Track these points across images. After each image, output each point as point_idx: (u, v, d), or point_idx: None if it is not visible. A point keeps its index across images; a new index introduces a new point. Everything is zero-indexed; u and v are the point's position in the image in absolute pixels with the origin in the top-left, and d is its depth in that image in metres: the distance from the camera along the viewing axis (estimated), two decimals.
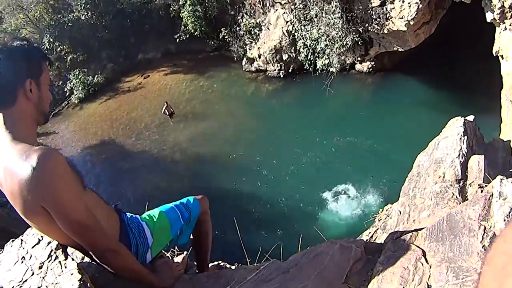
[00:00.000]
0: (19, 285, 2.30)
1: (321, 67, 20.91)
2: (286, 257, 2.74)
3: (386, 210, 5.64)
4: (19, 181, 1.95)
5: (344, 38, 19.59)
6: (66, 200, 1.99)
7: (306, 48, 21.56)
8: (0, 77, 2.07)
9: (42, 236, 2.59)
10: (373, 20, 18.33)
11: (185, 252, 3.74)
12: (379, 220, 5.44)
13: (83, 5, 31.46)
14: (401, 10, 17.19)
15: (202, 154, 20.32)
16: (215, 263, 3.93)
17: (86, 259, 2.41)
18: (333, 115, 19.55)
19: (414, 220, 3.39)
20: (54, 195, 1.97)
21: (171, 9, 28.38)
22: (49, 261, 2.37)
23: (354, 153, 16.78)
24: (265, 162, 18.02)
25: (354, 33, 19.30)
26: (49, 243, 2.50)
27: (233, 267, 3.76)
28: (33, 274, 2.33)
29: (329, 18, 19.58)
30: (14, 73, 2.11)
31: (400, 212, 3.94)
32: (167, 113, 24.02)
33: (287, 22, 22.43)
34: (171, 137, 22.83)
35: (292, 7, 21.68)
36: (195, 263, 3.38)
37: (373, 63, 20.59)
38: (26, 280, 2.31)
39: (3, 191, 2.17)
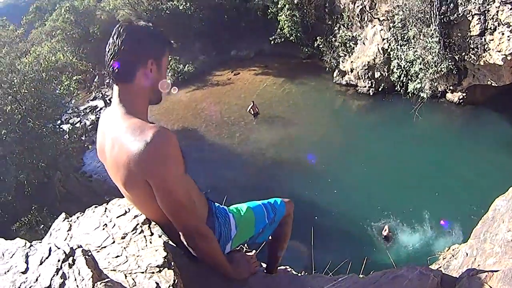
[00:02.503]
0: (96, 249, 2.41)
1: (412, 90, 21.17)
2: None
3: (452, 250, 5.76)
4: (128, 152, 2.07)
5: (439, 64, 19.76)
6: (173, 179, 2.12)
7: (400, 69, 21.84)
8: (124, 53, 2.19)
9: (129, 209, 2.73)
10: (471, 49, 18.55)
11: (253, 251, 3.76)
12: (443, 259, 5.55)
13: None
14: (499, 43, 17.36)
15: (282, 157, 21.42)
16: (283, 267, 3.86)
17: (164, 238, 2.50)
18: (416, 142, 19.71)
19: (479, 265, 3.35)
20: (163, 173, 2.08)
21: (269, 10, 29.49)
22: (133, 233, 2.48)
23: (430, 184, 17.01)
24: (341, 175, 18.77)
25: (449, 60, 19.47)
26: (135, 216, 2.62)
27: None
28: (113, 242, 2.45)
29: (426, 41, 19.85)
30: (138, 51, 2.23)
31: (467, 254, 3.89)
32: (252, 112, 25.26)
33: (383, 39, 22.85)
34: (253, 136, 24.12)
35: (391, 25, 22.04)
36: (263, 263, 3.43)
37: (464, 94, 20.56)
38: (105, 247, 2.43)
39: (104, 159, 2.37)
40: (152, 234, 2.46)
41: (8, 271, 2.00)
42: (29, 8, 67.82)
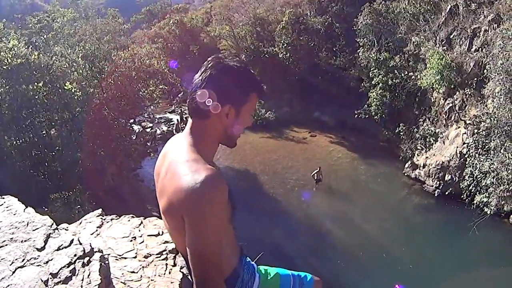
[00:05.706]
0: (116, 257, 2.46)
1: (477, 202, 20.70)
2: None
3: None
4: (176, 183, 2.10)
5: None
6: (207, 226, 2.02)
7: (472, 178, 21.51)
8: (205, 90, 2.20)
9: (162, 232, 2.76)
10: None
11: None
12: None
13: (285, 46, 35.07)
14: None
15: (329, 231, 21.75)
16: None
17: (185, 271, 2.48)
18: (466, 258, 19.25)
19: None
20: (199, 216, 2.01)
21: (362, 84, 30.25)
22: (157, 257, 2.50)
23: None
24: (385, 267, 18.72)
25: None
26: (166, 242, 2.65)
27: None
28: (135, 257, 2.48)
29: (506, 156, 19.56)
30: (218, 93, 2.20)
31: None
32: (315, 178, 25.74)
33: (464, 143, 22.72)
34: (308, 201, 24.62)
35: (475, 130, 21.93)
36: None
37: None
38: (125, 258, 2.46)
39: (157, 180, 2.45)
40: (174, 265, 2.49)
41: (25, 241, 2.19)
42: (142, 8, 73.10)
